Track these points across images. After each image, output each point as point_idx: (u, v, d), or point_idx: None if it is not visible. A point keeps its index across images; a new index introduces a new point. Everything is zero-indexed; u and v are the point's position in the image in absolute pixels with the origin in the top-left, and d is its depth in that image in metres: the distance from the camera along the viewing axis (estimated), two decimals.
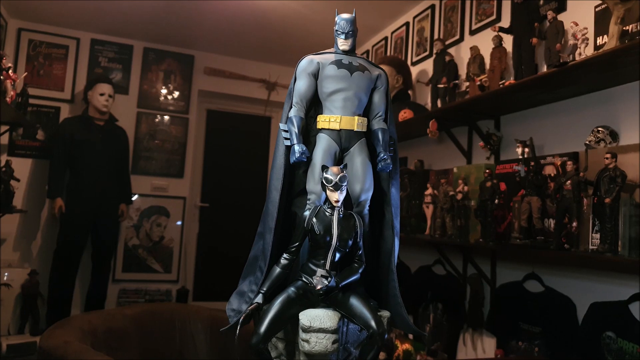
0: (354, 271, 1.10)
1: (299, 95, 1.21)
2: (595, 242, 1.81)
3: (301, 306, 1.06)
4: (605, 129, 1.99)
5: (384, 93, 1.26)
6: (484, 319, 2.53)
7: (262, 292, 1.08)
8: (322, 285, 1.03)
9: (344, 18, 1.24)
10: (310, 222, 1.08)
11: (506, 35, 2.39)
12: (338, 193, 1.06)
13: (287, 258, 1.10)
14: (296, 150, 1.13)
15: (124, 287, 4.50)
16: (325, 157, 1.15)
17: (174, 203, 4.72)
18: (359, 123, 1.19)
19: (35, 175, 4.27)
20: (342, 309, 1.07)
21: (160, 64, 4.74)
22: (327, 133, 1.18)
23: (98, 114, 4.14)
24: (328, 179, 1.06)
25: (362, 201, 1.17)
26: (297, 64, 1.24)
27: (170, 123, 4.76)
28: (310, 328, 1.01)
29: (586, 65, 1.82)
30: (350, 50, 1.25)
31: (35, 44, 4.36)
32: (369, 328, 1.03)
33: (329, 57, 1.24)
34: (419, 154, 3.24)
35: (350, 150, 1.19)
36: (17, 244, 4.21)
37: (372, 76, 1.24)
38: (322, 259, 1.07)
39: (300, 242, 1.10)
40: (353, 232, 1.09)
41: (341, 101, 1.18)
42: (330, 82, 1.20)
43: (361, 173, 1.16)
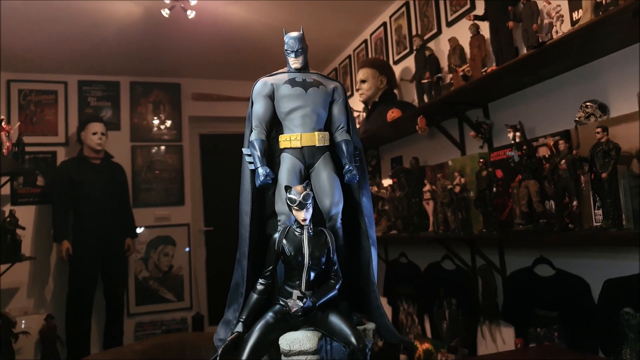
0: (331, 288, 1.08)
1: (257, 119, 1.21)
2: (598, 219, 1.77)
3: (281, 330, 1.05)
4: (594, 103, 1.96)
5: (343, 105, 1.26)
6: (499, 310, 2.50)
7: (241, 320, 1.07)
8: (298, 308, 1.02)
9: (292, 37, 1.24)
10: (280, 243, 1.07)
11: (483, 23, 2.38)
12: (304, 212, 1.05)
13: (262, 283, 1.08)
14: (260, 173, 1.12)
15: (140, 320, 4.50)
16: (291, 176, 1.14)
17: (179, 231, 4.73)
18: (320, 138, 1.18)
19: (40, 221, 4.30)
20: (322, 328, 1.05)
21: (148, 96, 4.77)
22: (290, 152, 1.18)
23: (93, 153, 4.17)
24: (292, 199, 1.05)
25: (333, 215, 1.16)
26: (252, 88, 1.25)
27: (165, 152, 4.78)
28: (290, 352, 1.00)
29: (564, 42, 1.80)
30: (302, 67, 1.25)
31: (25, 93, 4.41)
32: (349, 344, 1.01)
33: (282, 77, 1.24)
34: (413, 151, 3.22)
35: (315, 166, 1.18)
36: (30, 291, 4.23)
37: (327, 90, 1.24)
38: (297, 280, 1.06)
39: (274, 265, 1.09)
40: (325, 249, 1.07)
41: (300, 119, 1.18)
42: (286, 102, 1.19)
43: (328, 187, 1.15)
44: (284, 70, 1.27)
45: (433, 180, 2.75)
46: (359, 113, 3.70)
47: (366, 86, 3.32)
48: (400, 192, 2.96)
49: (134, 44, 3.90)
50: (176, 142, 4.82)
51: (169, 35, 3.76)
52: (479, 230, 2.33)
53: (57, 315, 3.99)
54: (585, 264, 2.08)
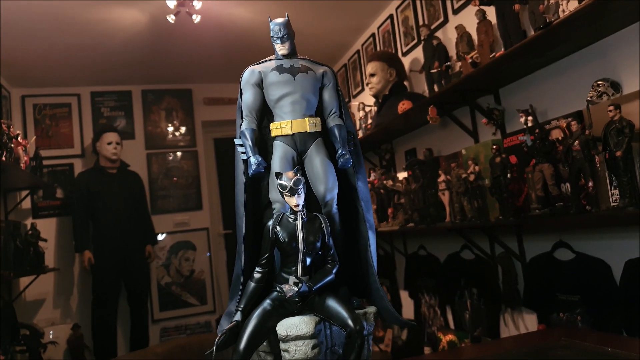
0: (328, 272, 1.08)
1: (247, 108, 1.21)
2: (615, 199, 1.74)
3: (279, 317, 1.05)
4: (606, 81, 1.93)
5: (334, 89, 1.25)
6: (520, 297, 2.47)
7: (239, 309, 1.07)
8: (293, 293, 1.01)
9: (277, 23, 1.25)
10: (275, 230, 1.07)
11: (489, 8, 2.36)
12: (296, 197, 1.05)
13: (259, 271, 1.09)
14: (252, 162, 1.13)
15: (164, 325, 4.55)
16: (283, 163, 1.14)
17: (198, 235, 4.77)
18: (311, 124, 1.18)
19: (61, 233, 4.37)
20: (320, 312, 1.05)
21: (160, 103, 4.82)
22: (282, 140, 1.17)
23: (109, 163, 4.22)
24: (282, 185, 1.05)
25: (328, 201, 1.15)
26: (240, 77, 1.25)
27: (181, 158, 4.83)
28: (288, 337, 1.00)
29: (572, 21, 1.77)
30: (290, 53, 1.25)
31: (40, 107, 4.49)
32: (346, 327, 1.01)
33: (269, 65, 1.24)
34: (426, 142, 3.20)
35: (307, 152, 1.17)
36: (56, 302, 4.31)
37: (317, 75, 1.23)
38: (293, 266, 1.06)
39: (270, 252, 1.09)
40: (320, 234, 1.07)
41: (289, 105, 1.17)
42: (275, 89, 1.19)
43: (322, 173, 1.15)
44: (272, 57, 1.27)
45: (447, 170, 2.73)
46: (370, 108, 3.68)
47: (375, 80, 3.31)
48: (415, 184, 2.95)
49: (143, 52, 3.94)
50: (191, 147, 4.86)
51: (177, 41, 3.80)
52: (496, 218, 2.31)
53: (83, 324, 4.07)
54: (604, 246, 2.04)
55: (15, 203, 3.90)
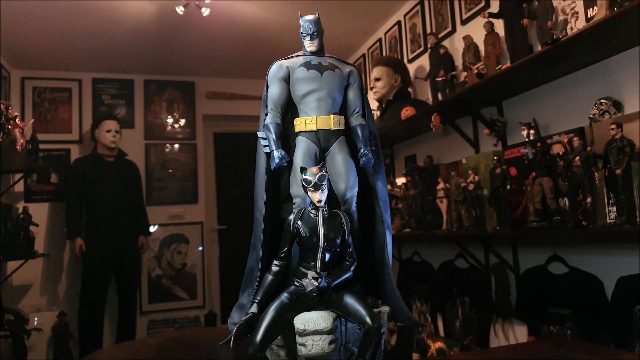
0: (346, 269, 1.09)
1: (272, 102, 1.21)
2: (612, 216, 1.77)
3: (296, 310, 1.05)
4: (608, 100, 1.95)
5: (359, 89, 1.26)
6: (512, 308, 2.49)
7: (256, 301, 1.07)
8: (313, 287, 1.02)
9: (308, 19, 1.25)
10: (296, 225, 1.07)
11: (497, 21, 2.38)
12: (319, 193, 1.05)
13: (277, 264, 1.09)
14: (275, 156, 1.12)
15: (152, 318, 4.53)
16: (306, 159, 1.14)
17: (192, 229, 4.76)
18: (335, 121, 1.18)
19: (53, 219, 4.34)
20: (337, 309, 1.05)
21: (162, 94, 4.81)
22: (305, 135, 1.18)
23: (107, 151, 4.20)
24: (307, 180, 1.06)
25: (348, 199, 1.16)
26: (267, 71, 1.25)
27: (179, 151, 4.82)
28: (305, 331, 1.00)
29: (579, 39, 1.80)
30: (318, 50, 1.25)
31: (39, 90, 4.46)
32: (364, 324, 1.01)
33: (297, 60, 1.24)
34: (426, 149, 3.22)
35: (330, 149, 1.18)
36: (43, 288, 4.27)
37: (343, 74, 1.24)
38: (312, 261, 1.06)
39: (289, 246, 1.09)
40: (340, 231, 1.08)
41: (315, 102, 1.18)
42: (301, 85, 1.20)
43: (344, 171, 1.16)
44: (300, 53, 1.27)
45: (447, 178, 2.75)
46: (373, 112, 3.69)
47: (380, 84, 3.33)
48: (414, 190, 2.97)
49: (148, 41, 3.94)
50: (190, 140, 4.86)
51: (183, 33, 3.79)
52: (493, 228, 2.33)
53: (69, 312, 4.02)
54: (598, 262, 2.07)
55: (8, 185, 3.87)
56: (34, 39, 3.76)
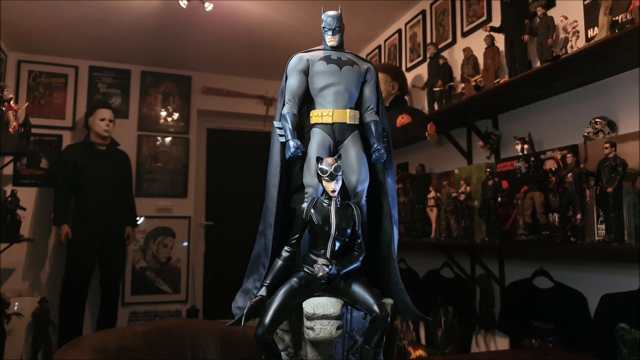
0: (355, 259, 1.11)
1: (290, 93, 1.23)
2: (601, 233, 1.80)
3: (304, 296, 1.07)
4: (603, 119, 1.99)
5: (374, 86, 1.28)
6: (495, 319, 2.52)
7: (265, 285, 1.09)
8: (324, 273, 1.04)
9: (330, 15, 1.27)
10: (309, 213, 1.09)
11: (498, 35, 2.41)
12: (334, 183, 1.07)
13: (288, 250, 1.11)
14: (291, 145, 1.15)
15: (134, 310, 4.50)
16: (320, 150, 1.16)
17: (179, 223, 4.74)
18: (351, 116, 1.21)
19: (40, 204, 4.30)
20: (345, 296, 1.07)
21: (158, 87, 4.80)
22: (321, 127, 1.20)
23: (99, 139, 4.18)
24: (323, 170, 1.08)
25: (359, 192, 1.18)
26: (287, 62, 1.27)
27: (172, 144, 4.80)
28: (314, 315, 1.02)
29: (578, 58, 1.83)
30: (338, 46, 1.28)
31: (35, 74, 4.43)
32: (372, 312, 1.03)
33: (318, 54, 1.26)
34: (419, 158, 3.24)
35: (344, 142, 1.20)
36: (26, 273, 4.23)
37: (361, 70, 1.27)
38: (323, 249, 1.08)
39: (300, 233, 1.11)
40: (351, 221, 1.10)
41: (332, 95, 1.20)
42: (320, 78, 1.22)
43: (356, 164, 1.18)
44: (320, 47, 1.30)
45: (438, 188, 2.77)
46: None
47: None
48: (404, 198, 2.99)
49: (149, 33, 3.93)
50: (183, 134, 4.84)
51: (185, 26, 3.79)
52: (481, 239, 2.35)
53: (51, 299, 3.98)
54: (583, 278, 2.10)
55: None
56: (33, 22, 3.74)
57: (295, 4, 3.29)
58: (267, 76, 4.89)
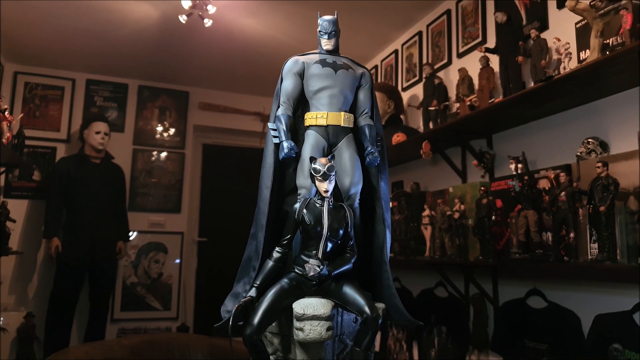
0: (347, 261, 1.10)
1: (285, 95, 1.24)
2: (593, 252, 1.80)
3: (295, 297, 1.06)
4: (595, 140, 2.01)
5: (369, 91, 1.30)
6: (488, 339, 2.50)
7: (255, 285, 1.08)
8: (315, 273, 1.03)
9: (326, 19, 1.29)
10: (301, 213, 1.09)
11: (493, 56, 2.45)
12: (327, 183, 1.07)
13: (279, 251, 1.10)
14: (285, 146, 1.15)
15: (123, 326, 4.43)
16: (314, 152, 1.17)
17: (172, 239, 4.70)
18: (345, 119, 1.22)
19: (31, 216, 4.26)
20: (336, 298, 1.06)
21: (155, 101, 4.81)
22: (315, 129, 1.20)
23: (94, 152, 4.16)
24: (316, 169, 1.08)
25: (352, 194, 1.18)
26: (283, 65, 1.28)
27: (167, 159, 4.79)
28: (304, 316, 1.00)
29: (571, 78, 1.86)
30: (334, 49, 1.30)
31: (32, 86, 4.43)
32: (363, 313, 1.02)
33: (313, 57, 1.28)
34: (414, 176, 3.25)
35: (338, 145, 1.21)
36: (12, 287, 4.16)
37: (356, 74, 1.28)
38: (314, 250, 1.08)
39: (292, 234, 1.10)
40: (344, 223, 1.10)
41: (327, 98, 1.21)
42: (315, 81, 1.23)
43: (350, 167, 1.18)
44: (316, 51, 1.32)
45: (433, 206, 2.78)
46: None
47: None
48: (399, 216, 2.98)
49: (147, 47, 3.95)
50: (179, 149, 4.84)
51: (183, 42, 3.82)
52: (475, 257, 2.35)
53: (38, 314, 3.91)
54: (577, 298, 2.09)
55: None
56: (31, 34, 3.75)
57: (293, 22, 3.33)
58: (265, 93, 4.92)
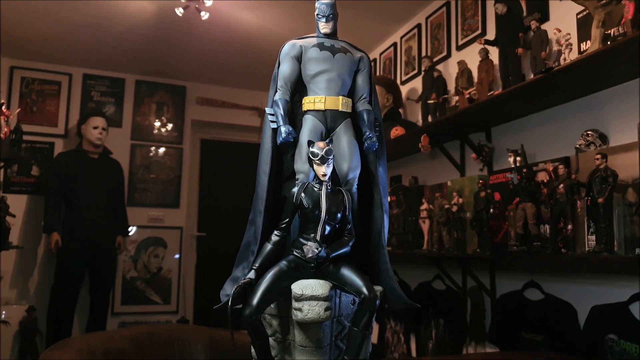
0: (345, 244, 1.11)
1: (283, 79, 1.23)
2: (591, 244, 1.80)
3: (293, 279, 1.06)
4: (595, 132, 2.01)
5: (367, 75, 1.29)
6: (485, 331, 2.51)
7: (254, 268, 1.08)
8: (313, 254, 1.03)
9: (324, 2, 1.28)
10: (299, 197, 1.09)
11: (492, 48, 2.44)
12: (325, 167, 1.07)
13: (277, 234, 1.10)
14: (282, 131, 1.14)
15: (123, 320, 4.44)
16: (312, 137, 1.16)
17: (171, 233, 4.71)
18: (343, 103, 1.21)
19: (30, 211, 4.26)
20: (334, 280, 1.07)
21: (153, 96, 4.80)
22: (313, 114, 1.20)
23: (92, 148, 4.16)
24: (314, 153, 1.08)
25: (350, 179, 1.18)
26: (280, 49, 1.27)
27: (165, 154, 4.79)
28: (302, 296, 1.01)
29: (571, 70, 1.85)
30: (331, 33, 1.29)
31: (28, 81, 4.42)
32: (360, 294, 1.03)
33: (311, 41, 1.27)
34: (412, 170, 3.25)
35: (336, 130, 1.20)
36: (14, 281, 4.17)
37: (354, 58, 1.27)
38: (312, 233, 1.08)
39: (290, 218, 1.11)
40: (342, 206, 1.10)
41: (325, 82, 1.21)
42: (313, 64, 1.22)
43: (348, 152, 1.18)
44: (313, 34, 1.30)
45: (431, 200, 2.78)
46: None
47: None
48: (397, 210, 2.99)
49: (144, 42, 3.94)
50: (177, 144, 4.83)
51: (180, 36, 3.81)
52: (473, 250, 2.36)
53: (39, 307, 3.93)
54: (574, 290, 2.10)
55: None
56: (27, 28, 3.74)
57: (291, 15, 3.32)
58: (263, 88, 4.89)
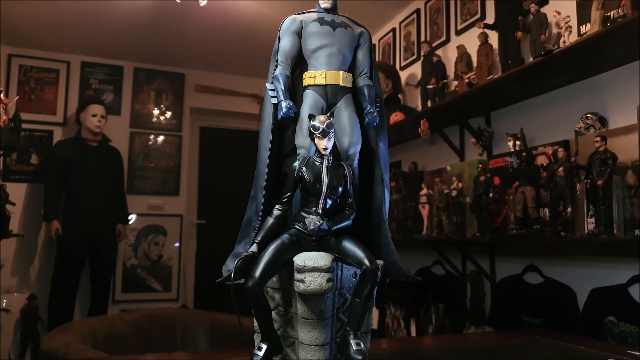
0: (346, 217, 1.11)
1: (283, 54, 1.23)
2: (590, 227, 1.81)
3: (295, 251, 1.07)
4: (594, 115, 2.01)
5: (368, 51, 1.28)
6: (485, 315, 2.52)
7: (256, 241, 1.09)
8: (315, 227, 1.04)
9: None
10: (300, 171, 1.09)
11: (492, 32, 2.43)
12: (326, 140, 1.07)
13: (279, 209, 1.11)
14: (283, 106, 1.14)
15: (124, 307, 4.46)
16: (313, 111, 1.16)
17: (171, 221, 4.72)
18: (344, 78, 1.20)
19: (30, 200, 4.26)
20: (335, 252, 1.07)
21: (151, 84, 4.78)
22: (313, 89, 1.20)
23: (91, 135, 4.15)
24: (315, 127, 1.08)
25: (351, 154, 1.18)
26: (280, 24, 1.27)
27: (164, 141, 4.78)
28: (305, 268, 1.01)
29: (571, 52, 1.85)
30: (332, 8, 1.28)
31: (26, 69, 4.39)
32: (362, 265, 1.03)
33: (311, 15, 1.26)
34: (412, 156, 3.25)
35: (337, 105, 1.20)
36: (15, 269, 4.18)
37: (355, 33, 1.26)
38: (314, 206, 1.08)
39: (292, 192, 1.11)
40: (343, 180, 1.10)
41: (325, 57, 1.20)
42: (313, 39, 1.22)
43: (348, 127, 1.18)
44: (313, 9, 1.30)
45: (430, 185, 2.78)
46: None
47: None
48: (397, 195, 2.99)
49: (142, 29, 3.91)
50: (176, 132, 4.82)
51: (179, 22, 3.78)
52: (473, 234, 2.36)
53: (40, 295, 3.95)
54: (573, 273, 2.11)
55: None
56: (25, 16, 3.71)
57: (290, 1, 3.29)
58: (262, 75, 4.80)
